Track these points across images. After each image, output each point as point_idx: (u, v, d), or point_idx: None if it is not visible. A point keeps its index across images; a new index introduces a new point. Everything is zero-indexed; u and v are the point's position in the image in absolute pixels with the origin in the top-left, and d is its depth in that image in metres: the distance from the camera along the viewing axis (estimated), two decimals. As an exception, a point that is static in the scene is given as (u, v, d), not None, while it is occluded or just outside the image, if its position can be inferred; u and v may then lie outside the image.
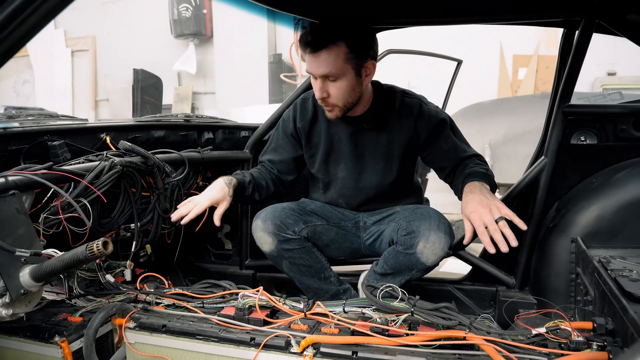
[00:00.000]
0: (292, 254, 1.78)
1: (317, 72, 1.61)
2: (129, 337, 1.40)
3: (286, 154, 1.92)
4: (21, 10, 0.70)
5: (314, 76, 1.65)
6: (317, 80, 1.64)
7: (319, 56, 1.59)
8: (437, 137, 1.77)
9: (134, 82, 2.45)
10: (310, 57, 1.61)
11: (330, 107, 1.69)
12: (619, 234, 1.73)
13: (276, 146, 1.94)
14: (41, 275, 1.21)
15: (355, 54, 1.61)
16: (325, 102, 1.67)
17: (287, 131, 1.92)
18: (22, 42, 0.74)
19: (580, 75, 1.90)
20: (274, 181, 1.92)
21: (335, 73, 1.60)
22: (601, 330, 1.21)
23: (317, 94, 1.66)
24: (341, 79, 1.62)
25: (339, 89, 1.64)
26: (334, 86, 1.63)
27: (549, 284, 1.88)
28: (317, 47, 1.58)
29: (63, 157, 1.57)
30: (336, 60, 1.59)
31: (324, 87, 1.63)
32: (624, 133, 1.86)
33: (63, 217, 1.45)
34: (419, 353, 1.22)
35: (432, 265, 1.69)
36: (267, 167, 1.95)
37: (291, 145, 1.92)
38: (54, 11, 0.74)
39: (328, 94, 1.64)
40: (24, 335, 1.35)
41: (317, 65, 1.60)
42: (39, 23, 0.74)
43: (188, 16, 7.08)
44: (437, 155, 1.81)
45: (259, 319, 1.37)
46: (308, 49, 1.60)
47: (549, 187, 1.94)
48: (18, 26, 0.71)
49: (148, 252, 2.02)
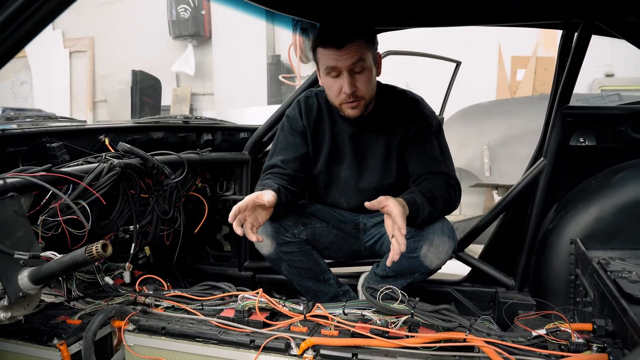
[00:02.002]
0: (291, 256, 1.77)
1: (346, 63, 1.60)
2: (128, 339, 1.40)
3: (299, 151, 1.84)
4: (21, 12, 0.70)
5: (335, 73, 1.63)
6: (343, 76, 1.62)
7: (347, 49, 1.59)
8: (418, 139, 1.75)
9: (132, 83, 2.45)
10: (335, 52, 1.60)
11: (357, 102, 1.67)
12: (618, 235, 1.74)
13: (286, 145, 1.85)
14: (40, 278, 1.20)
15: (372, 46, 1.66)
16: (354, 97, 1.65)
17: (296, 128, 1.85)
18: (21, 44, 0.74)
19: (578, 76, 1.90)
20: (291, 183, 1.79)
21: (362, 62, 1.61)
22: (601, 332, 1.21)
23: (346, 89, 1.62)
24: (366, 70, 1.64)
25: (366, 81, 1.65)
26: (361, 79, 1.64)
27: (549, 285, 1.88)
28: (342, 42, 1.59)
29: (62, 158, 1.57)
30: (363, 51, 1.61)
31: (353, 81, 1.63)
32: (622, 134, 1.87)
33: (62, 219, 1.44)
34: (419, 355, 1.22)
35: (436, 268, 1.69)
36: (281, 170, 1.81)
37: (302, 141, 1.85)
38: (53, 13, 0.74)
39: (356, 88, 1.64)
40: (22, 338, 1.34)
41: (346, 57, 1.59)
42: (38, 25, 0.74)
43: (186, 17, 7.06)
44: (411, 157, 1.77)
45: (258, 321, 1.37)
46: (333, 45, 1.60)
47: (548, 188, 1.94)
48: (18, 28, 0.71)
49: (147, 254, 2.01)
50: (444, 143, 1.82)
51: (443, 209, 1.68)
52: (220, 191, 2.34)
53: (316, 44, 1.65)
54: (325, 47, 1.61)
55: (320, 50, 1.64)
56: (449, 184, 1.71)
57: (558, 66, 2.05)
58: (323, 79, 1.70)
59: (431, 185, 1.67)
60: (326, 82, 1.68)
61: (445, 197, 1.66)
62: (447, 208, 1.70)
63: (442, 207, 1.66)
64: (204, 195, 2.25)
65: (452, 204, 1.71)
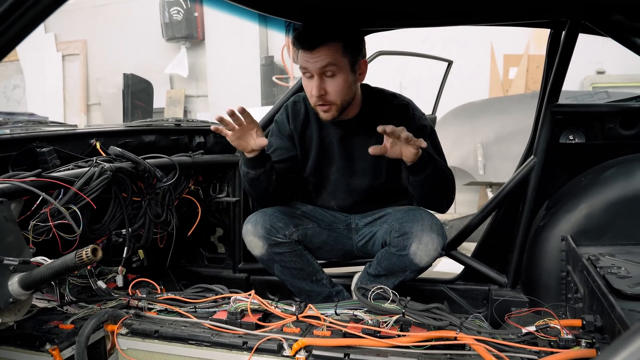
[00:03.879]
0: (283, 257, 1.78)
1: (315, 66, 1.59)
2: (121, 343, 1.40)
3: (287, 154, 1.87)
4: (9, 13, 0.70)
5: (309, 75, 1.63)
6: (314, 78, 1.62)
7: (318, 51, 1.58)
8: None
9: (124, 86, 2.44)
10: (307, 54, 1.60)
11: (327, 106, 1.66)
12: (608, 232, 1.75)
13: (275, 148, 1.88)
14: (30, 283, 1.20)
15: (350, 50, 1.63)
16: (323, 100, 1.64)
17: (284, 132, 1.88)
18: (9, 46, 0.74)
19: (570, 73, 1.91)
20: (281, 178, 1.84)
21: (333, 66, 1.60)
22: (590, 328, 1.22)
23: (314, 91, 1.62)
24: (338, 74, 1.62)
25: (337, 85, 1.63)
26: (331, 83, 1.62)
27: (540, 282, 1.89)
28: (315, 44, 1.58)
29: (52, 163, 1.57)
30: (335, 54, 1.60)
31: (321, 84, 1.62)
32: (611, 132, 1.88)
33: (52, 225, 1.44)
34: (411, 354, 1.23)
35: (425, 266, 1.69)
36: None
37: (290, 145, 1.88)
38: (43, 14, 0.74)
39: (325, 91, 1.63)
40: (14, 343, 1.34)
41: (316, 59, 1.59)
42: (27, 26, 0.73)
43: (179, 19, 7.05)
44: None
45: (251, 322, 1.37)
46: (305, 47, 1.60)
47: (539, 186, 1.95)
48: (6, 30, 0.71)
49: (141, 257, 2.01)
50: (436, 141, 1.84)
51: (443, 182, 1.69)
52: (213, 193, 2.34)
53: (294, 44, 1.65)
54: (298, 48, 1.62)
55: (299, 51, 1.64)
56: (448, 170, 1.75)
57: (547, 65, 2.06)
58: (302, 80, 1.71)
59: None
60: (303, 82, 1.70)
61: (448, 174, 1.70)
62: (446, 185, 1.71)
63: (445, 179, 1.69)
64: (197, 197, 2.25)
65: (450, 187, 1.73)
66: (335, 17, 1.77)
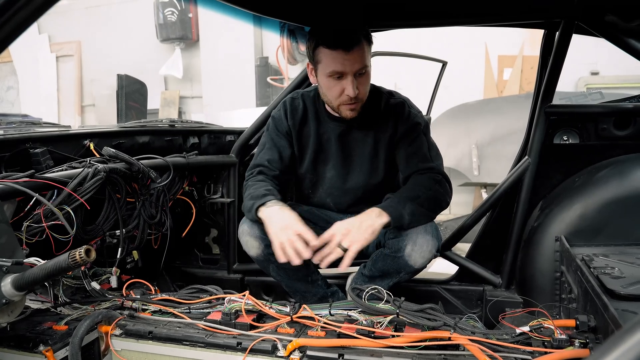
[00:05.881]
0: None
1: (354, 67, 1.63)
2: (115, 344, 1.39)
3: (285, 151, 1.86)
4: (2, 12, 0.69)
5: (338, 75, 1.64)
6: (347, 78, 1.64)
7: (354, 53, 1.62)
8: (406, 138, 1.77)
9: (118, 87, 2.44)
10: (343, 55, 1.61)
11: (356, 104, 1.70)
12: (602, 232, 1.76)
13: (272, 145, 1.87)
14: (23, 284, 1.19)
15: (370, 48, 1.69)
16: (356, 99, 1.68)
17: (281, 129, 1.87)
18: (0, 47, 0.73)
19: (564, 74, 1.92)
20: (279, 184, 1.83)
21: (367, 66, 1.67)
22: (583, 328, 1.23)
23: (351, 92, 1.64)
24: (368, 73, 1.69)
25: (366, 84, 1.71)
26: (363, 82, 1.68)
27: (535, 283, 1.90)
28: (351, 45, 1.61)
29: (45, 164, 1.56)
30: (367, 53, 1.66)
31: (357, 83, 1.66)
32: (605, 132, 1.89)
33: (46, 225, 1.43)
34: (405, 354, 1.23)
35: (420, 267, 1.69)
36: (268, 169, 1.83)
37: (287, 142, 1.87)
38: (34, 14, 0.73)
39: (359, 91, 1.67)
40: (7, 345, 1.33)
41: (354, 61, 1.62)
42: (19, 27, 0.73)
43: (174, 20, 7.03)
44: (401, 158, 1.79)
45: (245, 323, 1.37)
46: (342, 48, 1.61)
47: (533, 186, 1.96)
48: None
49: (135, 258, 2.01)
50: (430, 138, 1.84)
51: (431, 205, 1.68)
52: (208, 194, 2.33)
53: (319, 43, 1.65)
54: (332, 49, 1.62)
55: (324, 51, 1.64)
56: (435, 180, 1.71)
57: (540, 65, 2.08)
58: (323, 79, 1.70)
59: (414, 183, 1.70)
60: (327, 83, 1.69)
61: (429, 193, 1.67)
62: (435, 203, 1.70)
63: (429, 203, 1.67)
64: (191, 198, 2.25)
65: (440, 199, 1.71)
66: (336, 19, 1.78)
